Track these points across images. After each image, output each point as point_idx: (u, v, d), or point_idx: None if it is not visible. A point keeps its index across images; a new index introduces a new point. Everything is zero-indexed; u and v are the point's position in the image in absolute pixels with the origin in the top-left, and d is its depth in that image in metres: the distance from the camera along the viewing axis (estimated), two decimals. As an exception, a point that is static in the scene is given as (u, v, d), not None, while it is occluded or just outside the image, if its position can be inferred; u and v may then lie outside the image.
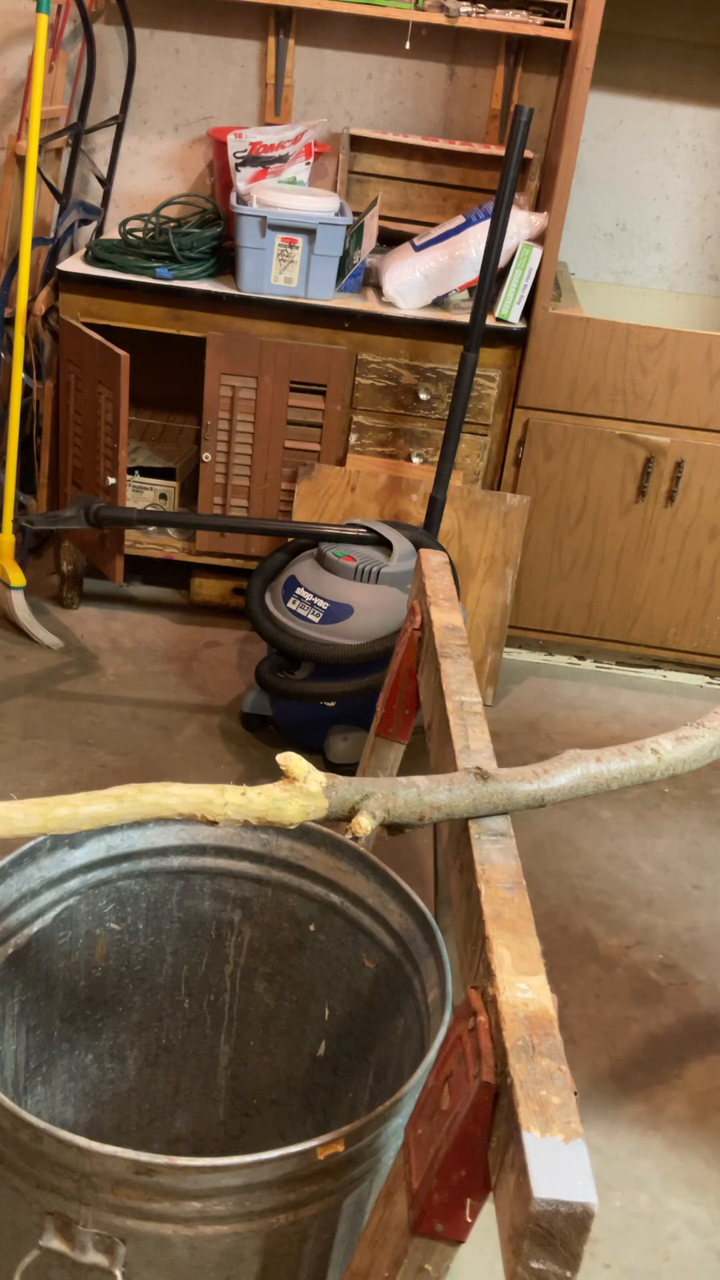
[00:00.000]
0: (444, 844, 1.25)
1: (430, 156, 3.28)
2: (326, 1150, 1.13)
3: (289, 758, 1.12)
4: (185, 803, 1.08)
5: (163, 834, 1.54)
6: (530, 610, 3.22)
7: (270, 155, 3.02)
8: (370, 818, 1.12)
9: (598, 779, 1.23)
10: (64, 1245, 1.16)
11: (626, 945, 2.37)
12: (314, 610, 2.66)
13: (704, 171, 3.39)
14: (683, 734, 1.33)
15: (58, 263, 3.05)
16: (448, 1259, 0.98)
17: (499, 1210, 0.85)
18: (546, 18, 3.01)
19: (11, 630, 3.11)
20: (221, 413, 3.06)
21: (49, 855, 1.46)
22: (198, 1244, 1.15)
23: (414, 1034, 1.38)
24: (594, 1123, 1.96)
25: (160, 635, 3.24)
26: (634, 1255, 1.76)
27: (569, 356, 2.95)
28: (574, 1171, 0.78)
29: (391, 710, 1.71)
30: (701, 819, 2.78)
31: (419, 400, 3.01)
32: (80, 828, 1.07)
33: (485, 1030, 0.91)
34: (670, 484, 3.06)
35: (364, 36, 3.27)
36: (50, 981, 1.52)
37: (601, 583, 3.19)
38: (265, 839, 1.56)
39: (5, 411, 3.11)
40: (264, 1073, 1.67)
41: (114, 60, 3.32)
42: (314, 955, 1.57)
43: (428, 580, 1.67)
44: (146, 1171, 1.09)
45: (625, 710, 3.17)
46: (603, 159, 3.39)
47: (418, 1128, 0.98)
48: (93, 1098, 1.64)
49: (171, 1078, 1.69)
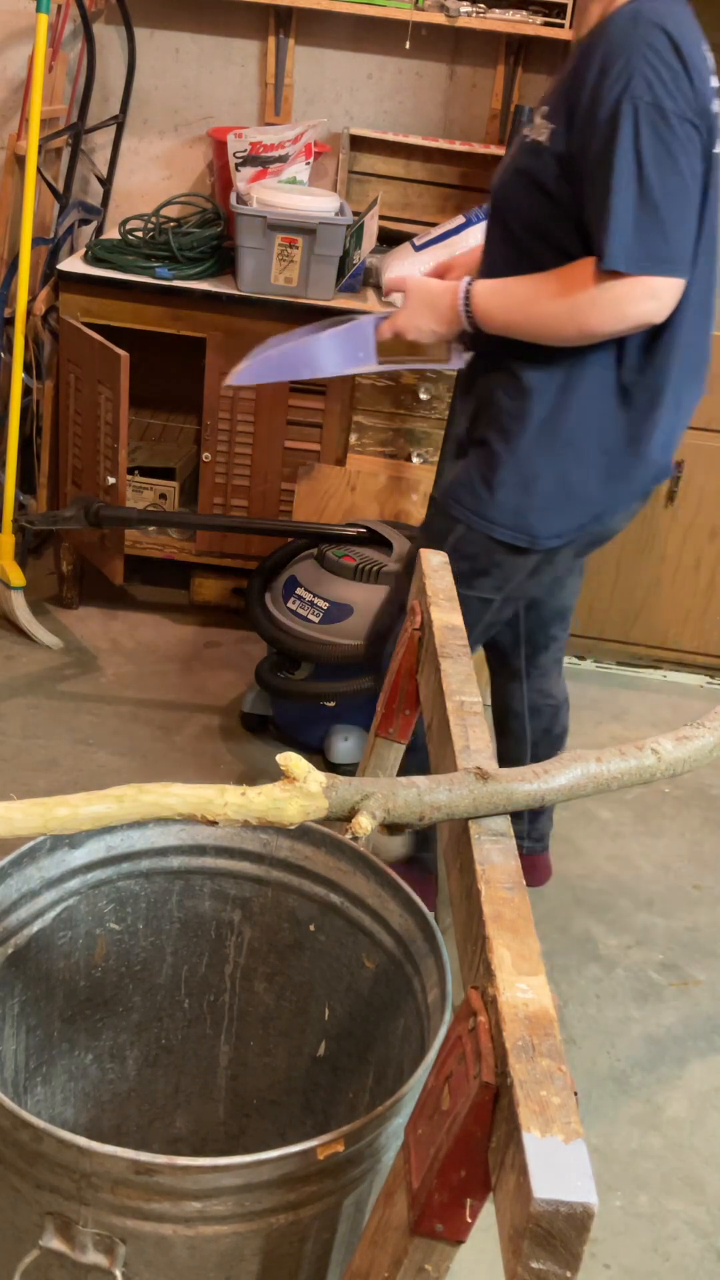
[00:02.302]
0: (444, 844, 1.25)
1: (430, 156, 3.28)
2: (326, 1150, 1.13)
3: (289, 758, 1.12)
4: (185, 803, 1.08)
5: (163, 834, 1.54)
6: (530, 610, 3.22)
7: (270, 155, 3.02)
8: (370, 818, 1.12)
9: (598, 779, 1.23)
10: (64, 1245, 1.16)
11: (626, 945, 2.37)
12: (314, 610, 2.66)
13: (704, 171, 3.38)
14: (683, 734, 1.33)
15: (58, 263, 3.05)
16: (448, 1259, 0.98)
17: (499, 1210, 0.85)
18: (546, 18, 3.01)
19: (11, 630, 3.11)
20: (221, 413, 3.06)
21: (49, 855, 1.46)
22: (197, 1244, 1.15)
23: (414, 1034, 1.38)
24: (594, 1123, 1.96)
25: (160, 635, 3.24)
26: (634, 1255, 1.76)
27: (569, 356, 2.95)
28: (574, 1171, 0.78)
29: (391, 710, 1.71)
30: (701, 819, 2.78)
31: (419, 400, 3.01)
32: (80, 828, 1.06)
33: (485, 1030, 0.91)
34: (670, 484, 3.06)
35: (364, 36, 3.27)
36: (50, 982, 1.52)
37: (601, 583, 3.19)
38: (265, 839, 1.56)
39: (5, 411, 3.11)
40: (264, 1073, 1.67)
41: (114, 60, 3.32)
42: (314, 955, 1.57)
43: (428, 580, 1.67)
44: (146, 1171, 1.09)
45: (625, 710, 3.17)
46: (603, 159, 3.38)
47: (418, 1128, 0.98)
48: (93, 1098, 1.65)
49: (171, 1078, 1.69)
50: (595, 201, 1.70)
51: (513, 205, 1.86)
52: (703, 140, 1.71)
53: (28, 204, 2.82)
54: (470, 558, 1.92)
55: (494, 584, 1.95)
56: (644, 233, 1.67)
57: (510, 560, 1.92)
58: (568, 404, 1.84)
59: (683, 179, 1.68)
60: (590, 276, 1.71)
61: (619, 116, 1.64)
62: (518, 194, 1.84)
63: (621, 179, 1.65)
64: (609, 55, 1.68)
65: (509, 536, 1.89)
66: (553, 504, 1.88)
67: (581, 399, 1.84)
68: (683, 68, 1.66)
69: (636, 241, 1.67)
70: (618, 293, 1.70)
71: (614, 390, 1.84)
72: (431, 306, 1.86)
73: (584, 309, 1.72)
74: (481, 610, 1.97)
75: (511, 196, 1.86)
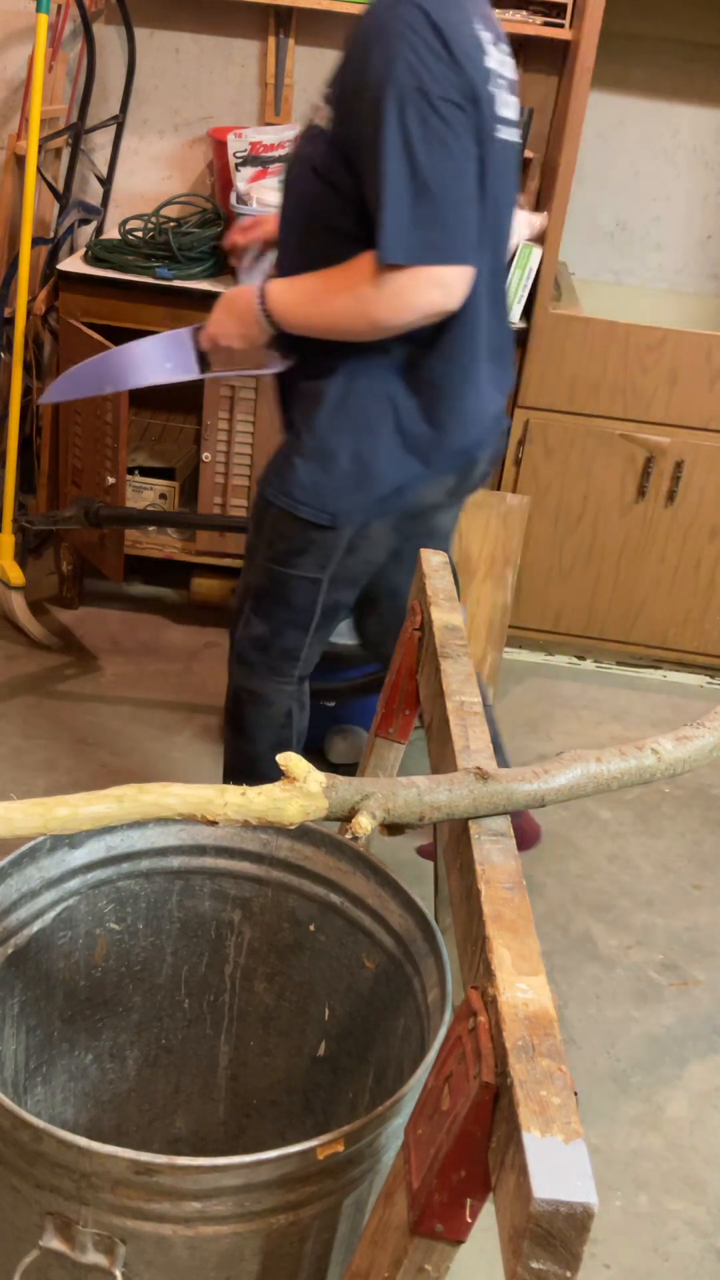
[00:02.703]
0: (444, 844, 1.25)
1: (430, 156, 3.28)
2: (326, 1150, 1.13)
3: (289, 758, 1.12)
4: (185, 803, 1.08)
5: (163, 834, 1.55)
6: (530, 610, 3.22)
7: (270, 155, 3.02)
8: (370, 818, 1.12)
9: (598, 779, 1.23)
10: (64, 1245, 1.16)
11: (626, 945, 2.37)
12: (314, 610, 2.66)
13: (704, 171, 3.39)
14: (683, 734, 1.33)
15: (58, 262, 3.05)
16: (448, 1259, 0.98)
17: (499, 1210, 0.85)
18: (546, 18, 3.00)
19: (11, 630, 3.11)
20: (221, 413, 3.06)
21: (49, 855, 1.46)
22: (197, 1244, 1.15)
23: (414, 1034, 1.38)
24: (594, 1123, 1.96)
25: (160, 635, 3.24)
26: (634, 1255, 1.76)
27: (569, 356, 2.95)
28: (574, 1172, 0.78)
29: (391, 710, 1.71)
30: (701, 819, 2.78)
31: (419, 400, 3.00)
32: (80, 828, 1.07)
33: (485, 1030, 0.91)
34: (670, 484, 3.06)
35: (364, 36, 3.27)
36: (50, 981, 1.52)
37: (602, 583, 3.19)
38: (265, 839, 1.56)
39: (5, 411, 3.11)
40: (264, 1073, 1.67)
41: (114, 60, 3.32)
42: (314, 955, 1.57)
43: (428, 580, 1.67)
44: (146, 1171, 1.09)
45: (625, 710, 3.17)
46: (603, 159, 3.39)
47: (418, 1128, 0.98)
48: (93, 1098, 1.65)
49: (171, 1078, 1.69)
50: (371, 192, 1.65)
51: (295, 192, 1.83)
52: (474, 122, 1.66)
53: (28, 204, 2.82)
54: (286, 537, 1.93)
55: (314, 562, 1.94)
56: (420, 222, 1.63)
57: (322, 537, 1.92)
58: (358, 386, 1.84)
59: (456, 163, 1.64)
60: (372, 270, 1.67)
61: (383, 103, 1.60)
62: (299, 181, 1.81)
63: (391, 168, 1.61)
64: (372, 38, 1.64)
65: (311, 515, 1.90)
66: (350, 481, 1.88)
67: (371, 381, 1.83)
68: (446, 50, 1.61)
69: (413, 231, 1.63)
70: (400, 284, 1.67)
71: (402, 373, 1.83)
72: (233, 312, 1.85)
73: (370, 303, 1.69)
74: (312, 591, 1.97)
75: (294, 183, 1.83)
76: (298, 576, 1.96)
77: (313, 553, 1.94)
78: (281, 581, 1.97)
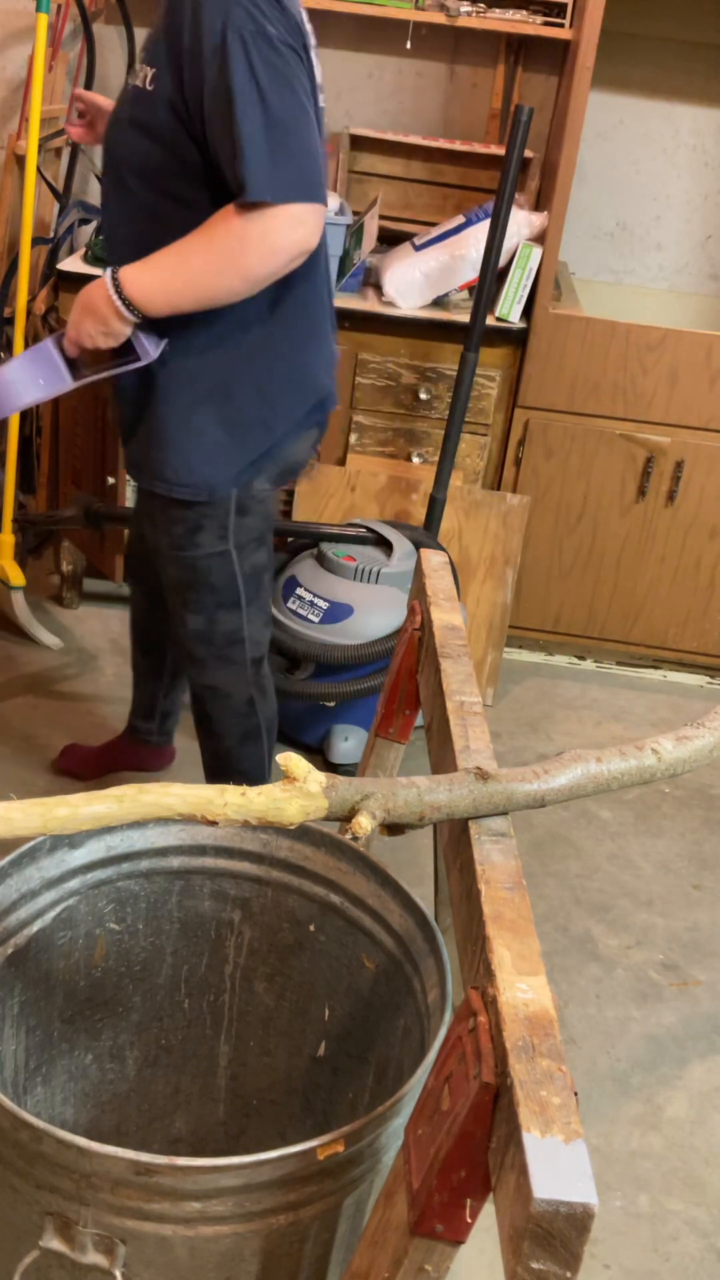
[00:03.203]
0: (444, 844, 1.25)
1: (430, 156, 3.28)
2: (326, 1150, 1.13)
3: (289, 758, 1.12)
4: (185, 803, 1.08)
5: (163, 834, 1.55)
6: (530, 610, 3.22)
7: (270, 155, 3.02)
8: (370, 818, 1.12)
9: (598, 779, 1.23)
10: (64, 1245, 1.16)
11: (626, 945, 2.37)
12: (314, 610, 2.67)
13: (704, 171, 3.39)
14: (683, 734, 1.33)
15: (58, 262, 3.05)
16: (448, 1259, 0.98)
17: (499, 1210, 0.85)
18: (546, 17, 3.01)
19: (11, 630, 3.11)
20: (221, 412, 3.06)
21: (49, 855, 1.46)
22: (197, 1244, 1.15)
23: (414, 1034, 1.38)
24: (594, 1123, 1.96)
25: (160, 635, 3.24)
26: (634, 1255, 1.76)
27: (569, 356, 2.95)
28: (574, 1172, 0.78)
29: (391, 710, 1.71)
30: (701, 819, 2.78)
31: (419, 400, 3.01)
32: (80, 828, 1.07)
33: (485, 1030, 0.91)
34: (670, 484, 3.06)
35: (364, 36, 3.27)
36: (50, 982, 1.52)
37: (602, 582, 3.19)
38: (265, 839, 1.56)
39: (5, 411, 3.10)
40: (264, 1073, 1.67)
41: (114, 60, 3.32)
42: (314, 955, 1.57)
43: (428, 580, 1.68)
44: (146, 1172, 1.09)
45: (625, 710, 3.17)
46: (603, 159, 3.39)
47: (418, 1128, 0.98)
48: (92, 1098, 1.65)
49: (171, 1078, 1.69)
50: (222, 139, 1.64)
51: (125, 157, 1.80)
52: (307, 71, 1.68)
53: (28, 204, 2.82)
54: (178, 522, 1.92)
55: (214, 536, 1.94)
56: (278, 159, 1.62)
57: (210, 510, 1.91)
58: (214, 357, 1.83)
59: (300, 102, 1.65)
60: (233, 219, 1.65)
61: (227, 47, 1.60)
62: (129, 145, 1.78)
63: (245, 109, 1.60)
64: None
65: (191, 494, 1.89)
66: (221, 453, 1.87)
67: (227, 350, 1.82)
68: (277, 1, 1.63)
69: (273, 169, 1.62)
70: (265, 226, 1.65)
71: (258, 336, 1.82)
72: (89, 310, 1.80)
73: (237, 254, 1.67)
74: (225, 564, 1.96)
75: (122, 148, 1.80)
76: (205, 555, 1.94)
77: (208, 528, 1.92)
78: (193, 566, 1.96)
